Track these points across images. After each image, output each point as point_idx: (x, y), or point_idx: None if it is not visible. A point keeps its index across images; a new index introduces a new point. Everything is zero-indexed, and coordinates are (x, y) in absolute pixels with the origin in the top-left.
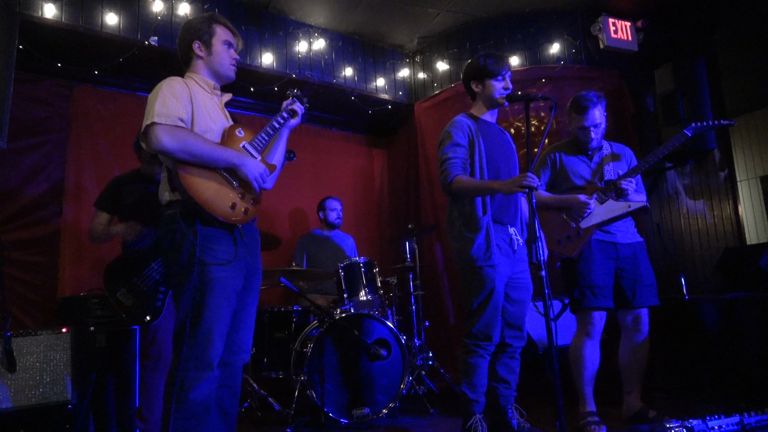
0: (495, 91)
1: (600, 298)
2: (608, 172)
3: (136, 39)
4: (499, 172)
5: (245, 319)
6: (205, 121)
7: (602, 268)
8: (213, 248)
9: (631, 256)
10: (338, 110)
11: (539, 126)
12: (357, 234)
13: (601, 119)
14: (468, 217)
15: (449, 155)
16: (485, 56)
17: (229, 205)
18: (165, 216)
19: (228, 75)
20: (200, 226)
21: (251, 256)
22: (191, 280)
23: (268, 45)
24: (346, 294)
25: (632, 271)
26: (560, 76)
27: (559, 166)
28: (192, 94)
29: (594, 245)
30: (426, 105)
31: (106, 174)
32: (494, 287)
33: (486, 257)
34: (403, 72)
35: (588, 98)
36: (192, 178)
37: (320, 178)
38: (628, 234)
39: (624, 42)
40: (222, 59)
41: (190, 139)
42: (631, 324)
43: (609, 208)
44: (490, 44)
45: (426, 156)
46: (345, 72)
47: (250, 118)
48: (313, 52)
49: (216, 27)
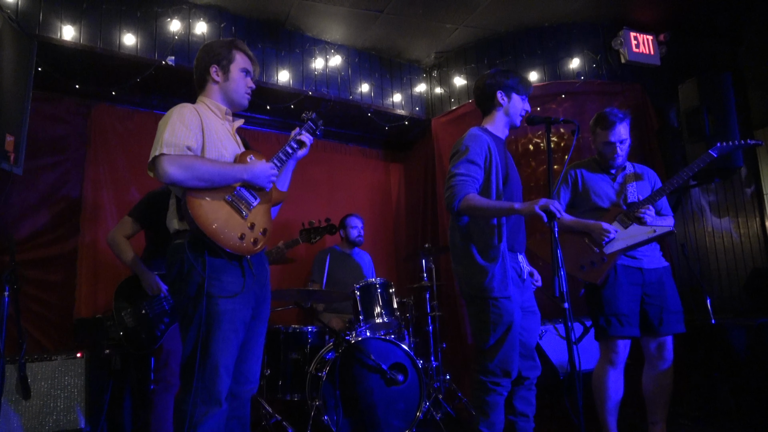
0: (519, 109)
1: (626, 326)
2: (631, 194)
3: (153, 59)
4: (513, 197)
5: (252, 349)
6: (217, 148)
7: (628, 295)
8: (221, 280)
9: (657, 281)
10: (355, 126)
11: (558, 142)
12: (373, 250)
13: (626, 135)
14: (483, 244)
15: (461, 170)
16: (513, 73)
17: (237, 236)
18: (173, 245)
19: (241, 103)
20: (208, 256)
21: (259, 287)
22: (199, 312)
23: (284, 62)
24: (362, 316)
25: (658, 297)
26: (580, 91)
27: (581, 184)
28: (203, 121)
29: (620, 271)
30: (443, 120)
31: (124, 192)
32: (512, 321)
33: (502, 288)
34: (420, 87)
35: (614, 114)
36: (200, 208)
37: (336, 194)
38: (654, 259)
39: (646, 56)
40: (238, 86)
41: (196, 163)
42: (656, 351)
43: (633, 233)
44: (508, 59)
45: (444, 171)
46: (362, 88)
47: (266, 135)
48: (329, 68)
49: (236, 53)
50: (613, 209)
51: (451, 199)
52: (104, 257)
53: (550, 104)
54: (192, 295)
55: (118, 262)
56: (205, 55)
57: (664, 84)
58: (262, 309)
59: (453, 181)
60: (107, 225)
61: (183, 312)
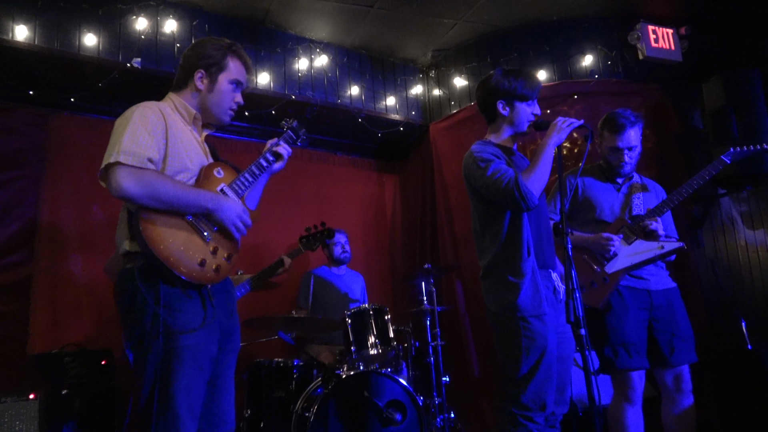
0: (525, 116)
1: (636, 356)
2: (637, 207)
3: (117, 61)
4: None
5: (223, 386)
6: (181, 159)
7: (635, 321)
8: (180, 311)
9: (666, 304)
10: (344, 133)
11: (570, 148)
12: (367, 271)
13: (637, 142)
14: (511, 257)
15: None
16: (515, 75)
17: (197, 262)
18: (122, 270)
19: (221, 119)
20: (163, 285)
21: (225, 315)
22: (156, 349)
23: (264, 63)
24: (354, 347)
25: (668, 323)
26: (594, 91)
27: (581, 192)
28: (168, 125)
29: (625, 293)
30: (442, 125)
31: (86, 212)
32: (546, 346)
33: (535, 306)
34: (416, 89)
35: (625, 116)
36: (155, 228)
37: (324, 209)
38: (662, 279)
39: (666, 51)
40: (222, 101)
41: (157, 182)
42: (673, 384)
43: (638, 250)
44: (513, 57)
45: (444, 183)
46: (351, 91)
47: (244, 145)
48: (314, 69)
49: (230, 60)
50: (617, 223)
51: (508, 185)
52: (64, 285)
53: (561, 106)
54: (147, 329)
55: (79, 291)
56: (194, 54)
57: (686, 83)
58: (231, 340)
59: (496, 177)
60: (67, 249)
61: (138, 348)
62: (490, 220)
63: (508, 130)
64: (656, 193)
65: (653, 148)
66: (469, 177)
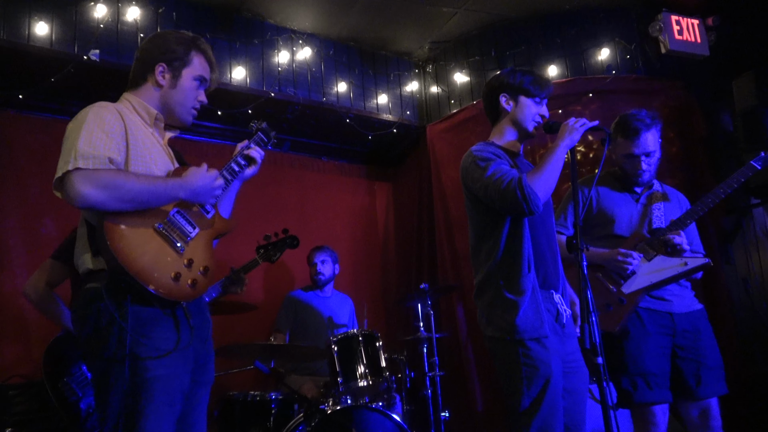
0: (531, 115)
1: (657, 389)
2: (657, 219)
3: (72, 53)
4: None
5: (196, 423)
6: (144, 163)
7: (656, 348)
8: (151, 335)
9: (692, 329)
10: (329, 135)
11: (585, 153)
12: (356, 292)
13: (654, 146)
14: (506, 272)
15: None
16: (524, 72)
17: (171, 276)
18: (85, 291)
19: (184, 120)
20: (132, 305)
21: (200, 342)
22: (122, 380)
23: (240, 56)
24: (340, 378)
25: (694, 350)
26: (611, 89)
27: (596, 204)
28: (127, 126)
29: (644, 316)
30: (441, 127)
31: (36, 225)
32: (551, 375)
33: (535, 328)
34: (411, 86)
35: (639, 118)
36: (122, 239)
37: (307, 222)
38: (687, 300)
39: (692, 44)
40: (185, 99)
41: (119, 180)
42: (699, 419)
43: (658, 267)
44: (521, 50)
45: (443, 192)
46: (338, 88)
47: (217, 148)
48: (296, 63)
49: (194, 56)
50: (634, 237)
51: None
52: (8, 309)
53: (574, 106)
54: (111, 356)
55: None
56: (154, 47)
57: (714, 80)
58: (204, 371)
59: (497, 177)
60: (12, 267)
61: (100, 379)
62: (487, 229)
63: (512, 131)
64: (679, 203)
65: (677, 152)
66: (467, 179)
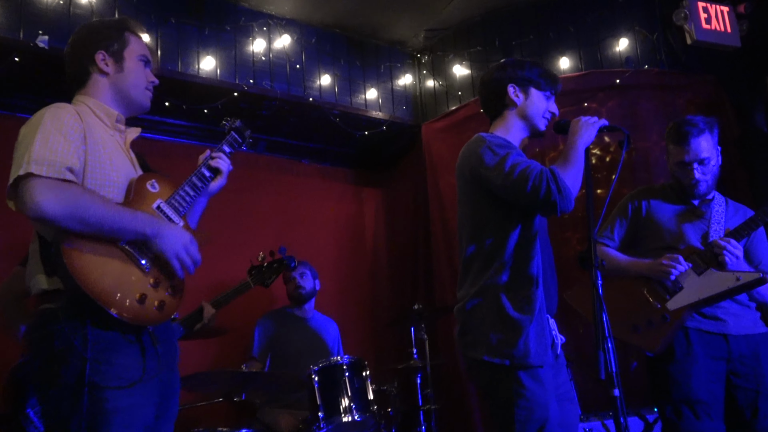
0: (541, 109)
1: (706, 419)
2: (715, 232)
3: (18, 39)
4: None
5: None
6: (104, 169)
7: (707, 373)
8: (112, 362)
9: (751, 354)
10: (312, 135)
11: (602, 156)
12: (341, 314)
13: (710, 153)
14: (514, 284)
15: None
16: (531, 63)
17: (136, 298)
18: (39, 313)
19: (142, 103)
20: (92, 329)
21: (167, 371)
22: (79, 412)
23: (209, 44)
24: (322, 413)
25: (752, 378)
26: (631, 84)
27: (645, 216)
28: (86, 130)
29: (694, 338)
30: (438, 126)
31: None
32: (548, 419)
33: (539, 353)
34: (404, 79)
35: (692, 123)
36: (82, 257)
37: (286, 233)
38: (746, 321)
39: (721, 34)
40: (136, 80)
41: (83, 200)
42: None
43: (709, 282)
44: (529, 40)
45: (441, 199)
46: (321, 81)
47: (183, 148)
48: (275, 53)
49: (129, 36)
50: (687, 250)
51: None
52: None
53: (590, 102)
54: (68, 385)
55: None
56: (86, 38)
57: (744, 74)
58: (170, 404)
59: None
60: None
61: (53, 411)
62: (488, 230)
63: (521, 126)
64: (744, 219)
65: None
66: (476, 168)
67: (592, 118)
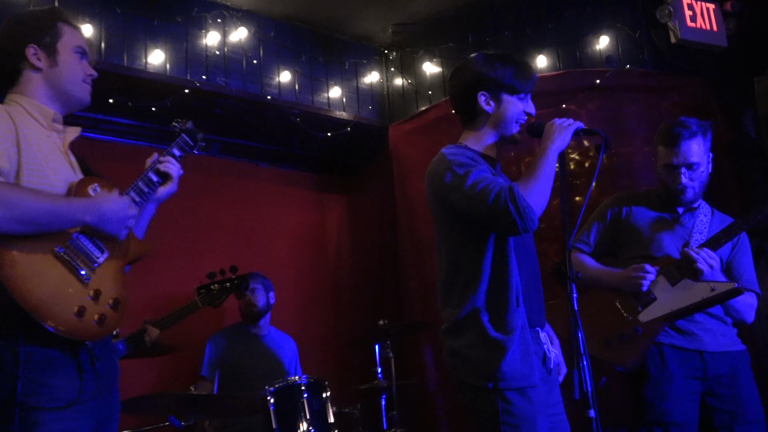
0: (515, 115)
1: None
2: (696, 243)
3: None
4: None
5: None
6: (41, 172)
7: (682, 394)
8: (46, 382)
9: (729, 373)
10: (271, 136)
11: (581, 161)
12: (300, 332)
13: (700, 159)
14: (492, 305)
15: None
16: (503, 60)
17: (74, 311)
18: None
19: (81, 98)
20: (25, 344)
21: (106, 393)
22: None
23: (158, 36)
24: None
25: (729, 399)
26: (613, 85)
27: (625, 223)
28: (18, 131)
29: (669, 355)
30: (407, 128)
31: None
32: None
33: (525, 375)
34: (371, 77)
35: (685, 125)
36: (15, 267)
37: (242, 243)
38: (723, 338)
39: (706, 33)
40: (73, 74)
41: (14, 196)
42: None
43: (683, 293)
44: (504, 36)
45: (410, 206)
46: (280, 78)
47: (129, 150)
48: (230, 47)
49: (62, 27)
50: (663, 259)
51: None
52: None
53: (568, 104)
54: None
55: None
56: (16, 31)
57: (732, 75)
58: (109, 429)
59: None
60: None
61: None
62: (465, 252)
63: (492, 134)
64: None
65: None
66: (438, 190)
67: (566, 120)
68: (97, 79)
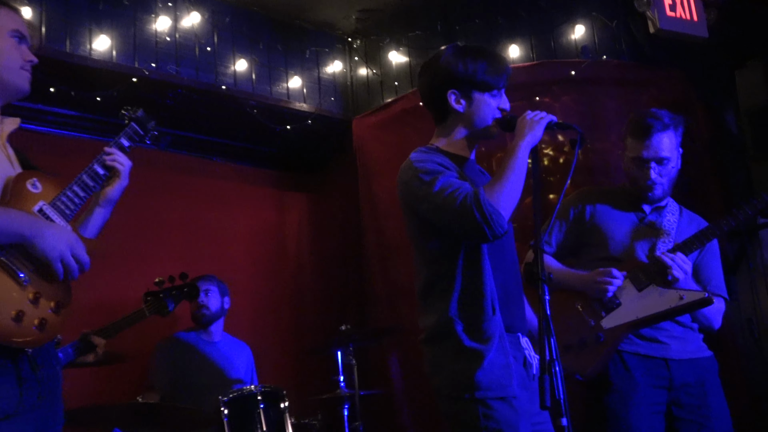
0: (488, 113)
1: None
2: (664, 244)
3: None
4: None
5: None
6: None
7: (647, 405)
8: None
9: (696, 382)
10: (226, 130)
11: (554, 157)
12: (257, 338)
13: (671, 153)
14: (466, 314)
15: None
16: (474, 55)
17: (11, 315)
18: None
19: (19, 86)
20: None
21: (48, 404)
22: None
23: (104, 22)
24: None
25: (696, 410)
26: (589, 77)
27: (589, 222)
28: None
29: (632, 363)
30: (372, 121)
31: None
32: None
33: (502, 385)
34: (333, 67)
35: (657, 116)
36: None
37: (195, 244)
38: (689, 345)
39: (686, 23)
40: (8, 60)
41: None
42: None
43: (650, 300)
44: (475, 24)
45: (375, 206)
46: (236, 66)
47: (73, 143)
48: (182, 33)
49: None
50: (629, 262)
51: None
52: None
53: (542, 97)
54: None
55: None
56: None
57: (713, 68)
58: None
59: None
60: None
61: None
62: (440, 260)
63: (464, 133)
64: (698, 231)
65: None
66: (408, 197)
67: (538, 114)
68: (38, 66)
